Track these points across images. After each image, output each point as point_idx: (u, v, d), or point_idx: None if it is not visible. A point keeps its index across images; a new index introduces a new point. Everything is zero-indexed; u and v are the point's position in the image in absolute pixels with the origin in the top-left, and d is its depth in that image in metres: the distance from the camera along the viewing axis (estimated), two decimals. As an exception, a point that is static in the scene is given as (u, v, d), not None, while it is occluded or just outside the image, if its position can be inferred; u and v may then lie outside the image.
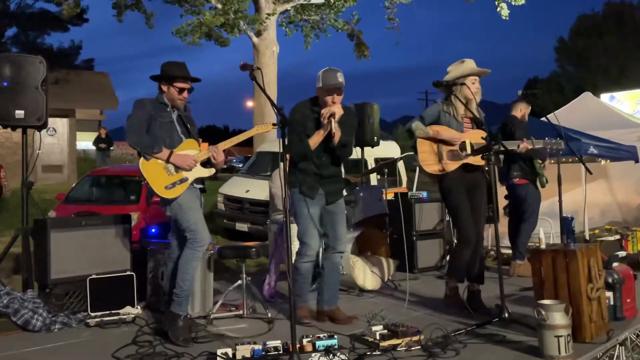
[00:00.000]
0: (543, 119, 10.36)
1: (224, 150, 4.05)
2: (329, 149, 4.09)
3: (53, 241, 4.43)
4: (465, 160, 4.22)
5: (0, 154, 16.86)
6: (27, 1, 22.79)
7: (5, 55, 4.67)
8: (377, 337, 3.42)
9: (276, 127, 4.03)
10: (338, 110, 4.00)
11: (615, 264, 3.88)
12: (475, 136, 4.25)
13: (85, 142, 22.75)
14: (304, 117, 4.10)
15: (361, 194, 5.59)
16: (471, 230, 4.23)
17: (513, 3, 14.27)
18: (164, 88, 4.00)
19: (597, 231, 8.10)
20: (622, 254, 4.30)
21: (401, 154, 9.83)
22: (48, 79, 4.63)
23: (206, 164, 4.01)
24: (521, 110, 5.93)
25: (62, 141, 18.23)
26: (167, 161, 3.86)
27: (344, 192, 5.99)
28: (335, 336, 3.35)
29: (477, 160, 4.21)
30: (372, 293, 5.17)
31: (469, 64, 4.29)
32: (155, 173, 3.85)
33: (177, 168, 3.88)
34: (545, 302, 3.19)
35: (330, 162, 4.18)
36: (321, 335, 3.32)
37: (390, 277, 5.49)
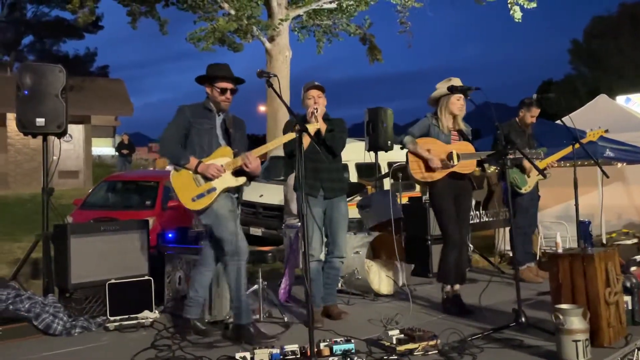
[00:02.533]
0: (558, 121, 10.34)
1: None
2: (322, 142, 4.24)
3: (73, 246, 4.50)
4: (451, 169, 4.51)
5: (18, 160, 17.14)
6: (43, 9, 23.22)
7: (27, 65, 4.78)
8: (394, 342, 3.44)
9: (319, 127, 4.13)
10: (320, 107, 4.23)
11: (633, 268, 3.86)
12: (462, 147, 4.57)
13: (101, 147, 23.07)
14: (300, 121, 4.20)
15: (376, 199, 5.62)
16: (455, 234, 4.53)
17: (526, 6, 14.24)
18: (208, 90, 3.97)
19: (614, 235, 8.04)
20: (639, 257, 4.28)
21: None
22: (67, 87, 4.71)
23: (239, 172, 3.88)
24: (521, 114, 5.91)
25: (78, 147, 18.46)
26: (195, 171, 3.81)
27: (357, 197, 6.07)
28: (352, 340, 3.37)
29: (463, 169, 4.51)
30: (387, 297, 5.18)
31: (456, 82, 4.51)
32: (184, 184, 3.81)
33: (206, 178, 3.82)
34: (563, 306, 3.18)
35: (326, 156, 4.29)
36: (338, 340, 3.35)
37: (405, 282, 5.50)
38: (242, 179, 3.91)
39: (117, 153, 18.44)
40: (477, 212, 11.88)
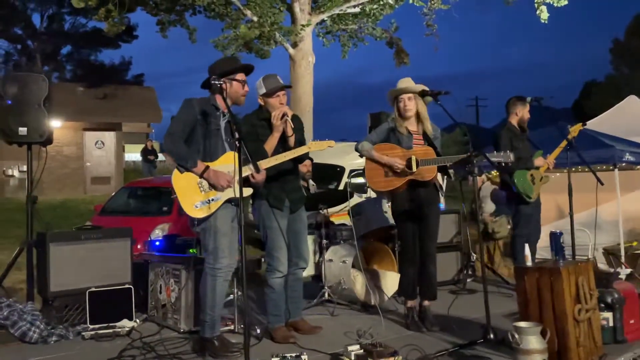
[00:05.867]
0: (590, 125, 9.87)
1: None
2: (287, 151, 3.97)
3: (52, 254, 4.51)
4: (410, 177, 4.20)
5: (51, 167, 17.66)
6: (80, 20, 23.95)
7: (10, 74, 4.86)
8: (352, 358, 3.31)
9: (334, 145, 3.97)
10: (288, 110, 3.97)
11: (617, 283, 3.60)
12: (423, 152, 4.21)
13: (135, 154, 23.62)
14: (253, 126, 4.04)
15: (367, 206, 5.48)
16: (413, 249, 4.30)
17: (555, 4, 13.73)
18: (226, 86, 3.64)
19: (634, 243, 7.62)
20: (626, 271, 3.99)
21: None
22: (51, 97, 4.77)
23: (244, 182, 3.57)
24: (517, 114, 5.57)
25: (109, 154, 18.91)
26: (201, 176, 3.61)
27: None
28: (304, 354, 3.25)
29: (422, 176, 4.17)
30: (374, 309, 5.01)
31: (400, 83, 4.33)
32: (187, 188, 3.60)
33: (211, 185, 3.63)
34: (521, 324, 2.98)
35: (290, 166, 4.09)
36: (288, 355, 3.24)
37: (398, 292, 5.32)
38: (247, 190, 3.69)
39: (141, 159, 18.83)
40: (499, 219, 11.49)
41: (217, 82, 3.39)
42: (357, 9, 14.87)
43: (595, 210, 5.26)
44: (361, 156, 4.49)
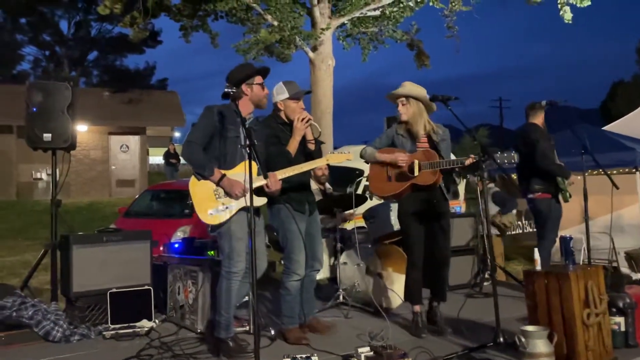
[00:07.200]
0: (607, 127, 9.78)
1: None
2: (307, 155, 4.08)
3: (75, 256, 4.67)
4: (411, 181, 4.18)
5: (78, 170, 18.08)
6: (106, 27, 24.46)
7: (35, 83, 5.03)
8: (362, 359, 3.36)
9: (352, 158, 3.97)
10: (309, 115, 4.06)
11: (629, 287, 3.59)
12: (426, 156, 4.19)
13: (159, 157, 23.99)
14: (275, 129, 4.10)
15: (381, 210, 5.52)
16: (418, 253, 4.25)
17: (578, 5, 13.58)
18: (247, 91, 3.74)
19: (656, 248, 7.52)
20: (637, 276, 3.96)
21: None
22: (74, 104, 4.93)
23: (259, 191, 3.71)
24: (542, 118, 5.55)
25: (134, 157, 19.28)
26: (218, 184, 3.68)
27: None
28: (314, 355, 3.32)
29: (423, 181, 4.14)
30: (388, 311, 5.05)
31: (400, 87, 4.32)
32: (203, 195, 3.68)
33: (227, 193, 3.69)
34: (528, 328, 3.00)
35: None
36: (298, 356, 3.31)
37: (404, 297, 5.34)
38: (262, 200, 3.77)
39: (164, 162, 19.15)
40: (520, 222, 11.41)
41: (231, 90, 3.46)
42: (377, 12, 14.91)
43: (611, 213, 5.21)
44: (366, 162, 4.49)
